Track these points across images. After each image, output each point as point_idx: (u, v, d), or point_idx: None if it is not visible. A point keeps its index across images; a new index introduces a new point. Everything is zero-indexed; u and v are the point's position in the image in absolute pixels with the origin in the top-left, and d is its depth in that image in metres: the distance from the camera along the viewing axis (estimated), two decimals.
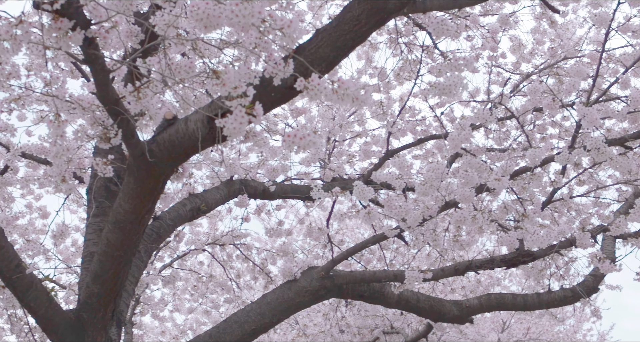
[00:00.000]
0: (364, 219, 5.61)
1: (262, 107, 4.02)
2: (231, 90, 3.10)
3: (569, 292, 6.83)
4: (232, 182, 6.96)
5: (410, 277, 5.82)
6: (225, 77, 3.09)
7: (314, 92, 3.07)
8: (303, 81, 3.08)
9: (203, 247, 9.41)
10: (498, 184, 5.14)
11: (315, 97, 3.10)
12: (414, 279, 5.81)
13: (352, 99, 2.93)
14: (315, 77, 3.06)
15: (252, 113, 3.08)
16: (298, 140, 3.06)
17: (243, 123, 3.07)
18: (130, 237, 4.42)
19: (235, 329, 5.99)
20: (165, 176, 4.23)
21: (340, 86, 2.91)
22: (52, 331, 4.68)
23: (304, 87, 3.12)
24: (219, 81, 3.06)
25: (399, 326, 9.81)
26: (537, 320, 15.81)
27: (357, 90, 2.91)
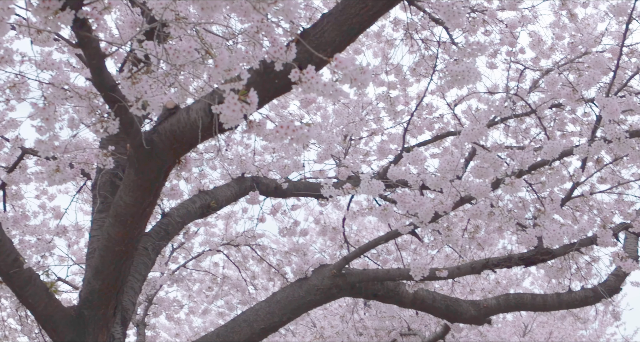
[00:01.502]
0: (379, 217, 5.43)
1: (265, 96, 3.91)
2: (224, 72, 2.95)
3: (590, 292, 6.63)
4: (244, 179, 6.81)
5: (416, 270, 5.64)
6: (219, 58, 2.94)
7: (307, 85, 2.90)
8: (298, 73, 2.91)
9: (217, 247, 9.28)
10: (511, 189, 4.96)
11: (309, 91, 2.93)
12: (420, 271, 5.62)
13: (350, 79, 2.76)
14: (310, 69, 2.89)
15: (246, 100, 2.93)
16: (290, 132, 2.91)
17: (236, 110, 2.91)
18: (131, 232, 4.28)
19: (244, 328, 5.83)
20: (167, 168, 4.09)
21: (338, 65, 2.75)
22: (52, 328, 4.54)
23: (298, 80, 2.94)
24: (212, 62, 2.91)
25: (416, 327, 9.62)
26: (560, 323, 15.55)
27: (355, 70, 2.75)
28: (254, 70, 3.75)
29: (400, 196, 5.22)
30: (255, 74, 3.76)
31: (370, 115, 9.12)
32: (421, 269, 5.76)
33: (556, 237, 5.25)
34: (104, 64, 3.45)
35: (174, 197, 6.39)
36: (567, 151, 5.39)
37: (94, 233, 5.45)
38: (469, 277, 9.67)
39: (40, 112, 3.25)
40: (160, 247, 6.02)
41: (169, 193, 6.33)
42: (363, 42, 8.87)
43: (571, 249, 6.09)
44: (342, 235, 7.77)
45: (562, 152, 5.19)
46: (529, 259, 6.13)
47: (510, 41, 7.69)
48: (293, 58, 3.25)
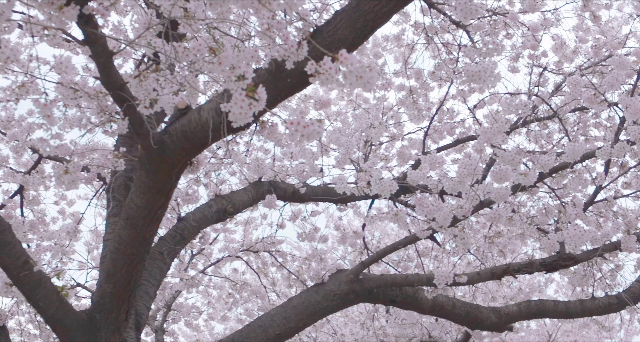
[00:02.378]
0: (393, 220, 5.33)
1: (277, 95, 3.84)
2: (228, 70, 2.88)
3: (614, 299, 6.47)
4: (261, 184, 6.73)
5: (440, 277, 5.53)
6: (222, 55, 2.87)
7: (325, 76, 2.81)
8: (314, 65, 2.82)
9: (237, 254, 9.20)
10: (525, 178, 4.83)
11: (327, 82, 2.85)
12: (444, 278, 5.51)
13: (356, 77, 2.68)
14: (327, 60, 2.80)
15: (254, 96, 2.85)
16: (302, 128, 2.82)
17: (244, 107, 2.83)
18: (142, 234, 4.22)
19: (259, 333, 5.73)
20: (179, 169, 4.03)
21: (343, 62, 2.66)
22: (63, 332, 4.48)
23: (315, 72, 2.85)
24: (216, 60, 2.84)
25: (437, 334, 9.48)
26: (585, 332, 15.33)
27: (361, 68, 2.66)
28: (265, 69, 3.69)
29: (419, 199, 5.13)
30: (266, 73, 3.70)
31: (390, 121, 9.04)
32: (445, 277, 5.66)
33: (579, 239, 5.11)
34: (112, 62, 3.40)
35: (189, 201, 6.33)
36: (589, 154, 5.27)
37: (107, 237, 5.39)
38: (491, 284, 9.52)
39: (42, 109, 3.19)
40: (175, 251, 5.95)
41: (184, 197, 6.27)
42: (384, 46, 8.80)
43: (594, 255, 5.95)
44: (362, 241, 7.67)
45: (584, 155, 5.07)
46: (550, 264, 6.00)
47: (533, 44, 7.58)
48: (304, 56, 3.18)
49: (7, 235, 4.24)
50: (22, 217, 6.36)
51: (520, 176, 4.69)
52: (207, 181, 7.38)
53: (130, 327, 5.21)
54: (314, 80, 2.83)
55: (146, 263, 5.71)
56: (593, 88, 5.33)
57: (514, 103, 4.67)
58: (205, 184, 7.33)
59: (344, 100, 9.35)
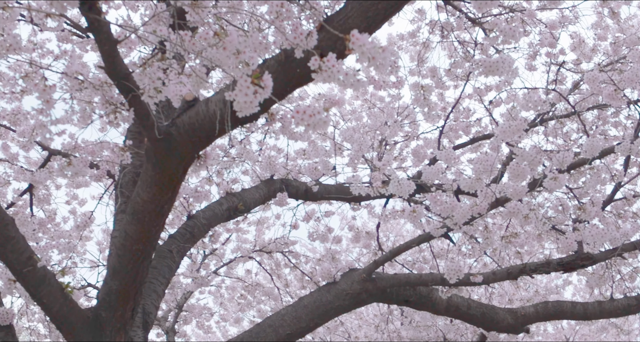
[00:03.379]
0: (409, 218, 5.21)
1: (287, 85, 3.73)
2: (233, 56, 2.77)
3: (634, 301, 6.32)
4: (273, 182, 6.63)
5: (451, 271, 5.40)
6: (227, 39, 2.76)
7: (327, 73, 2.70)
8: (318, 60, 2.71)
9: (249, 254, 9.11)
10: (555, 183, 4.70)
11: (328, 80, 2.74)
12: (455, 273, 5.38)
13: (368, 58, 2.57)
14: (331, 57, 2.69)
15: (260, 83, 2.74)
16: (307, 117, 2.71)
17: (249, 94, 2.72)
18: (148, 230, 4.11)
19: (269, 333, 5.62)
20: (186, 162, 3.92)
21: (355, 43, 2.55)
22: (68, 330, 4.38)
23: (318, 68, 2.74)
24: (220, 44, 2.73)
25: (452, 337, 9.33)
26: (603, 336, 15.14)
27: (374, 48, 2.55)
28: (274, 59, 3.59)
29: (434, 197, 5.00)
30: (275, 63, 3.60)
31: (405, 120, 8.93)
32: (456, 272, 5.53)
33: (600, 238, 4.97)
34: (117, 51, 3.30)
35: (199, 198, 6.23)
36: (608, 150, 5.13)
37: (114, 234, 5.29)
38: (507, 287, 9.38)
39: (42, 93, 3.09)
40: (185, 249, 5.86)
41: (194, 194, 6.18)
42: (400, 45, 8.69)
43: (613, 255, 5.81)
44: (375, 241, 7.55)
45: (602, 151, 4.94)
46: (568, 264, 5.86)
47: (550, 42, 7.45)
48: (314, 45, 3.07)
49: (10, 230, 4.14)
50: (31, 215, 6.29)
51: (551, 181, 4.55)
52: (220, 180, 7.29)
53: (138, 326, 5.12)
54: (316, 77, 2.73)
55: (155, 261, 5.62)
56: (613, 84, 5.19)
57: (533, 99, 4.54)
58: (218, 183, 7.24)
59: (359, 99, 9.25)
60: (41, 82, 3.11)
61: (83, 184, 7.25)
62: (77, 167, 3.72)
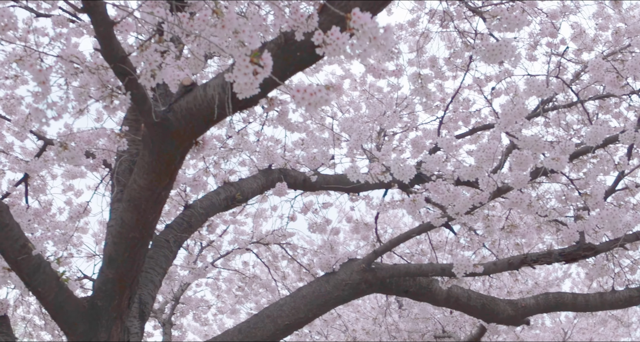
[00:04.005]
0: (409, 208, 5.13)
1: (287, 70, 3.66)
2: (232, 34, 2.70)
3: (635, 292, 6.26)
4: (271, 171, 6.54)
5: (459, 266, 5.33)
6: (226, 18, 2.69)
7: (332, 47, 2.63)
8: (321, 35, 2.64)
9: (247, 246, 9.04)
10: (556, 164, 4.61)
11: (334, 53, 2.67)
12: (464, 268, 5.31)
13: (369, 38, 2.49)
14: (335, 30, 2.62)
15: (259, 62, 2.66)
16: (308, 96, 2.64)
17: (248, 74, 2.65)
18: (145, 217, 4.04)
19: (268, 323, 5.54)
20: (184, 148, 3.85)
21: (356, 21, 2.47)
22: (63, 319, 4.30)
23: (322, 42, 2.67)
24: (219, 22, 2.66)
25: (450, 329, 9.28)
26: (601, 329, 15.12)
27: (375, 28, 2.47)
28: (273, 42, 3.51)
29: (435, 185, 4.92)
30: (275, 47, 3.52)
31: (404, 111, 8.86)
32: (464, 266, 5.46)
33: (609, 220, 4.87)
34: (113, 33, 3.22)
35: (196, 187, 6.15)
36: (611, 138, 5.06)
37: (111, 223, 5.22)
38: (506, 279, 9.32)
39: (37, 75, 3.01)
40: (182, 239, 5.78)
41: (192, 183, 6.10)
42: (399, 35, 8.61)
43: (615, 245, 5.74)
44: (374, 232, 7.48)
45: (606, 139, 4.87)
46: (570, 255, 5.79)
47: (551, 32, 7.38)
48: (315, 27, 3.00)
49: (5, 217, 4.06)
50: (26, 206, 6.21)
51: (552, 161, 4.47)
52: (217, 172, 7.21)
53: (134, 316, 5.05)
54: (322, 51, 2.65)
55: (152, 251, 5.55)
56: (615, 71, 5.12)
57: (536, 84, 4.46)
58: (214, 175, 7.17)
59: (357, 90, 9.18)
60: (36, 63, 3.02)
61: (79, 175, 7.17)
62: (72, 152, 3.64)
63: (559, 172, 5.78)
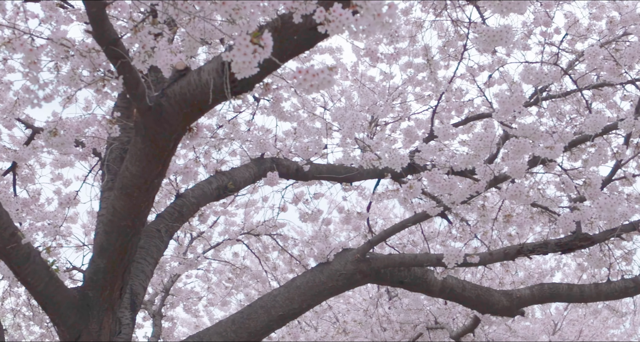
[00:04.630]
0: (407, 194, 5.04)
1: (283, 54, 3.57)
2: (232, 11, 2.61)
3: (631, 283, 6.21)
4: (263, 160, 6.44)
5: (450, 256, 5.26)
6: None
7: (335, 24, 2.54)
8: (323, 12, 2.55)
9: (237, 237, 8.95)
10: (551, 152, 4.54)
11: (337, 31, 2.58)
12: (454, 258, 5.24)
13: (373, 15, 2.41)
14: (338, 7, 2.53)
15: (259, 42, 2.58)
16: (311, 77, 2.55)
17: (248, 54, 2.56)
18: (138, 205, 3.95)
19: (261, 314, 5.47)
20: (177, 135, 3.76)
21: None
22: (53, 310, 4.20)
23: (324, 20, 2.58)
24: None
25: (443, 321, 9.22)
26: (590, 322, 15.13)
27: (379, 5, 2.39)
28: (269, 25, 3.42)
29: (431, 174, 4.84)
30: (272, 30, 3.43)
31: (396, 101, 8.78)
32: (455, 256, 5.39)
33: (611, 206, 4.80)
34: (105, 14, 3.13)
35: (187, 176, 6.05)
36: (610, 126, 5.00)
37: (102, 212, 5.12)
38: (498, 270, 9.27)
39: (27, 54, 2.91)
40: (174, 229, 5.68)
41: (182, 171, 6.00)
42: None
43: (612, 235, 5.69)
44: (365, 223, 7.40)
45: (605, 127, 4.80)
46: (566, 245, 5.73)
47: (545, 21, 7.31)
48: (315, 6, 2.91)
49: None
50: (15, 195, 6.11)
51: (546, 150, 4.40)
52: (207, 162, 7.11)
53: (126, 307, 4.96)
54: (324, 29, 2.56)
55: (143, 241, 5.46)
56: (613, 59, 5.05)
57: (534, 71, 4.38)
58: (205, 165, 7.07)
59: (348, 80, 9.09)
60: (27, 42, 2.93)
61: (67, 163, 7.07)
62: (62, 138, 3.54)
63: (555, 161, 5.72)
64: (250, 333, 5.36)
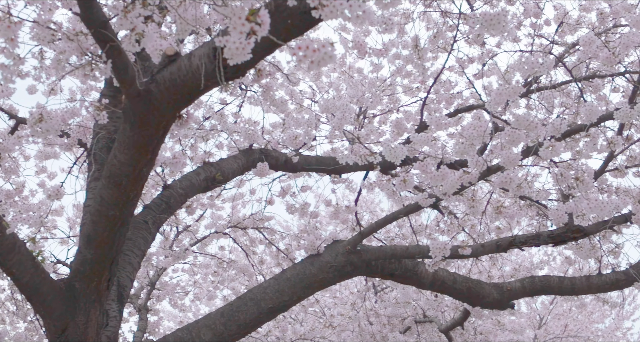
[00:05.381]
0: (399, 187, 4.95)
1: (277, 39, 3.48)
2: None
3: (622, 275, 6.17)
4: (252, 151, 6.35)
5: (436, 249, 5.19)
6: None
7: (329, 9, 2.45)
8: None
9: (224, 230, 8.86)
10: (552, 152, 4.48)
11: (331, 16, 2.49)
12: (440, 251, 5.18)
13: None
14: None
15: (256, 20, 2.49)
16: (311, 53, 2.47)
17: (243, 33, 2.47)
18: (126, 194, 3.85)
19: (251, 306, 5.37)
20: (167, 122, 3.66)
21: None
22: (39, 302, 4.10)
23: (318, 4, 2.49)
24: None
25: (432, 314, 9.17)
26: (575, 316, 15.15)
27: None
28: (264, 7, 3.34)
29: (423, 165, 4.77)
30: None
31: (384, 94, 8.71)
32: (441, 249, 5.32)
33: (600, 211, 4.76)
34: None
35: (176, 166, 5.95)
36: (606, 116, 4.93)
37: (88, 202, 5.01)
38: (486, 263, 9.22)
39: (4, 31, 2.81)
40: (161, 220, 5.58)
41: (170, 162, 5.90)
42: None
43: (604, 227, 5.63)
44: (354, 216, 7.31)
45: (600, 117, 4.74)
46: (558, 237, 5.68)
47: (535, 12, 7.25)
48: None
49: None
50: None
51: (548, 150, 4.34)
52: (193, 154, 7.01)
53: (113, 299, 4.86)
54: (317, 14, 2.48)
55: (130, 233, 5.36)
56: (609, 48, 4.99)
57: (529, 60, 4.31)
58: (191, 157, 6.97)
59: (336, 71, 9.00)
60: (5, 18, 2.82)
61: (52, 155, 6.96)
62: (48, 124, 3.45)
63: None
64: (239, 326, 5.27)
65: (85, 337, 4.16)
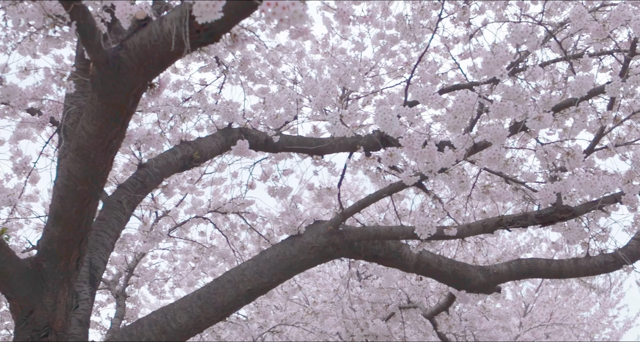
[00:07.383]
0: (386, 162, 4.74)
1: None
2: None
3: (610, 258, 6.02)
4: (231, 130, 6.15)
5: (421, 227, 5.01)
6: None
7: None
8: None
9: (204, 215, 8.67)
10: (539, 123, 4.31)
11: None
12: (426, 229, 5.00)
13: None
14: None
15: None
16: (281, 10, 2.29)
17: None
18: (95, 168, 3.64)
19: (229, 289, 5.18)
20: (137, 91, 3.45)
21: None
22: (4, 282, 3.89)
23: None
24: None
25: (416, 299, 9.01)
26: (561, 304, 15.09)
27: None
28: None
29: (408, 141, 4.56)
30: None
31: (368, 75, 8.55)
32: (427, 227, 5.12)
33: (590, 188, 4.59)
34: None
35: (150, 142, 5.74)
36: (597, 89, 4.77)
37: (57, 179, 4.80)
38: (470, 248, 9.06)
39: None
40: (136, 201, 5.38)
41: (144, 138, 5.70)
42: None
43: (594, 207, 5.47)
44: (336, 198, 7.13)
45: (591, 91, 4.57)
46: (546, 217, 5.51)
47: None
48: None
49: None
50: None
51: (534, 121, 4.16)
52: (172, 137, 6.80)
53: (84, 281, 4.67)
54: None
55: (103, 213, 5.16)
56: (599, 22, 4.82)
57: (519, 30, 4.13)
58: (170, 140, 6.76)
59: (319, 53, 8.82)
60: None
61: (25, 136, 6.75)
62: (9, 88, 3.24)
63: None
64: (217, 308, 5.08)
65: (54, 320, 3.96)
